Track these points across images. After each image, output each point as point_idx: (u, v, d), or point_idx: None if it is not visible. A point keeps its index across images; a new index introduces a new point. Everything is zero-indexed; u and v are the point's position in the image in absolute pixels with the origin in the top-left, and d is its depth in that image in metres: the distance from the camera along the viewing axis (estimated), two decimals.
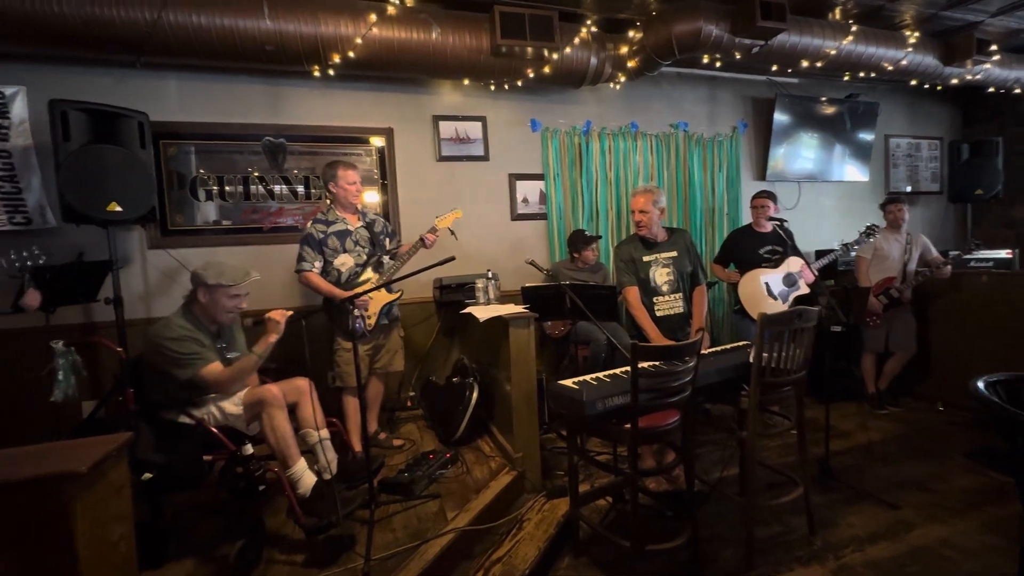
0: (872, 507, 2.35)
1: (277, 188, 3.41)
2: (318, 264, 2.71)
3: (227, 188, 3.31)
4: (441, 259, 2.17)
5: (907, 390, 3.70)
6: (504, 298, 3.07)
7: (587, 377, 2.09)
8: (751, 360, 2.10)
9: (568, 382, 2.02)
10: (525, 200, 3.88)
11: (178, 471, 1.88)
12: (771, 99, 4.38)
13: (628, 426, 1.88)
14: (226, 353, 2.24)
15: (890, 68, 3.80)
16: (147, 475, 1.76)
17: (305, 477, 2.04)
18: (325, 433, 2.22)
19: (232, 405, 2.12)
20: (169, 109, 3.14)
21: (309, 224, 2.79)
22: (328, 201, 2.87)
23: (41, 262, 2.21)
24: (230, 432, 2.08)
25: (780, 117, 4.38)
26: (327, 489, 2.01)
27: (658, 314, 2.66)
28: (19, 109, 2.77)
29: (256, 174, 3.35)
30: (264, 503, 2.12)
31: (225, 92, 3.25)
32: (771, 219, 3.29)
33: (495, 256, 3.74)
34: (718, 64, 3.74)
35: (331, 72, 3.11)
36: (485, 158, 3.78)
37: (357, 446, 2.66)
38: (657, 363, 1.90)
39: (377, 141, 3.58)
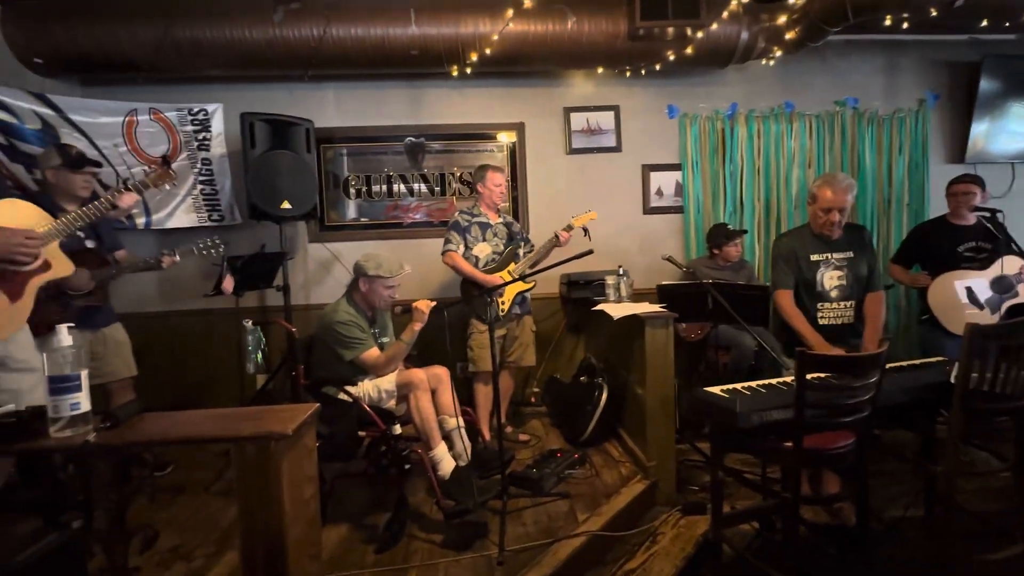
0: None
1: (416, 186, 3.68)
2: (461, 248, 2.90)
3: (373, 187, 3.66)
4: (579, 252, 2.15)
5: None
6: (636, 296, 2.97)
7: (738, 386, 1.93)
8: (952, 380, 1.79)
9: (716, 389, 1.88)
10: (659, 192, 3.76)
11: (338, 443, 2.11)
12: (974, 63, 3.65)
13: (789, 445, 1.69)
14: (380, 338, 2.48)
15: None
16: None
17: (445, 460, 2.17)
18: (460, 421, 2.35)
19: (387, 382, 2.34)
20: (327, 116, 3.55)
21: (456, 213, 3.01)
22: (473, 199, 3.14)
23: (221, 247, 2.61)
24: (381, 412, 2.28)
25: (987, 84, 3.63)
26: (465, 474, 2.12)
27: (820, 322, 2.40)
28: (217, 123, 3.33)
29: (398, 173, 3.65)
30: (407, 481, 2.29)
31: (373, 97, 3.59)
32: (976, 210, 2.75)
33: (626, 252, 3.67)
34: (904, 25, 3.19)
35: (468, 71, 3.27)
36: (617, 149, 3.72)
37: (488, 435, 2.76)
38: (827, 375, 1.69)
39: (507, 137, 3.70)
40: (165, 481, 2.64)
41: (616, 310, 2.65)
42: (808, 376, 1.67)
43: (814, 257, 2.42)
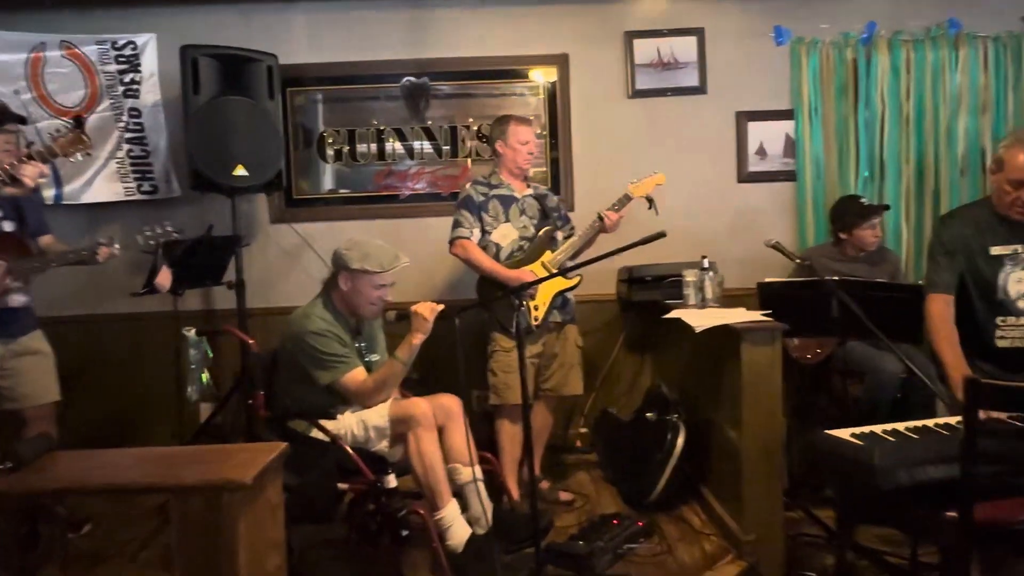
0: None
1: (417, 145, 3.74)
2: (476, 233, 2.95)
3: (358, 147, 3.73)
4: (647, 235, 2.12)
5: None
6: (726, 299, 2.95)
7: (876, 428, 1.89)
8: None
9: (844, 434, 1.85)
10: (761, 151, 3.73)
11: (309, 498, 2.14)
12: None
13: (953, 515, 1.65)
14: (367, 355, 2.51)
15: None
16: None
17: (457, 526, 2.20)
18: (478, 471, 2.38)
19: (376, 415, 2.36)
20: (297, 49, 3.62)
21: (467, 185, 3.05)
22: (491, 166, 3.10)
23: (173, 236, 2.70)
24: (368, 457, 2.28)
25: None
26: (484, 546, 2.15)
27: (1000, 344, 2.37)
28: (149, 60, 3.43)
29: (392, 127, 3.71)
30: (404, 554, 2.31)
31: (359, 22, 3.65)
32: None
33: (712, 236, 3.64)
34: None
35: None
36: (700, 90, 3.71)
37: (515, 492, 2.78)
38: (1011, 416, 1.64)
39: (545, 74, 3.72)
40: (81, 544, 2.66)
41: (698, 318, 2.64)
42: (982, 417, 1.61)
43: (995, 250, 2.36)
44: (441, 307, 2.33)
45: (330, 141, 3.72)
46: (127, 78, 3.42)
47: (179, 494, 1.18)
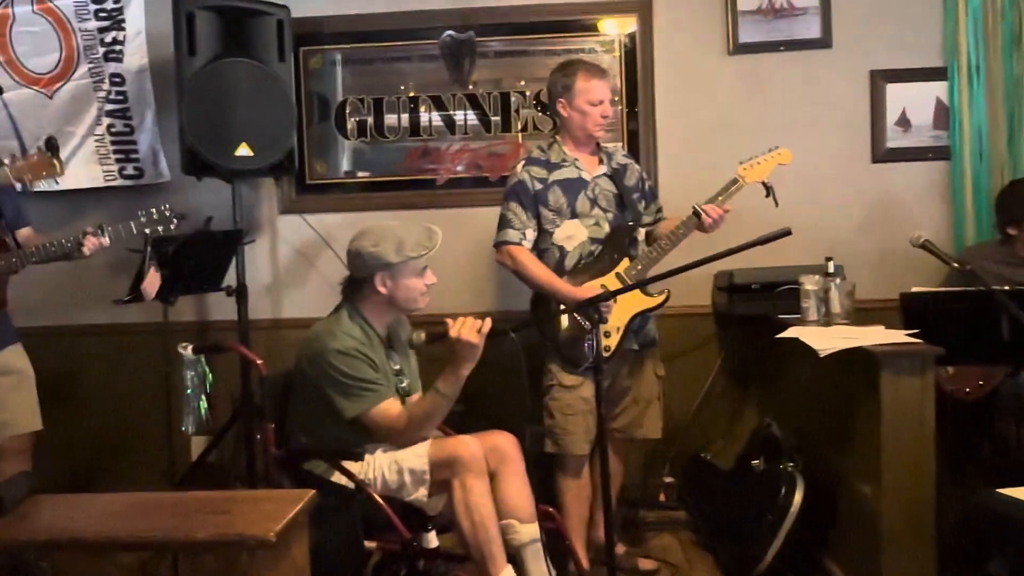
0: None
1: (459, 116, 3.77)
2: (530, 234, 2.89)
3: (386, 119, 3.78)
4: (768, 233, 2.11)
5: None
6: (858, 314, 2.92)
7: None
8: None
9: (1019, 493, 1.83)
10: (903, 121, 3.68)
11: (329, 559, 2.11)
12: None
13: None
14: (400, 380, 2.54)
15: None
16: None
17: None
18: (536, 530, 2.37)
19: (414, 457, 2.36)
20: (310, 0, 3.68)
21: (519, 167, 2.97)
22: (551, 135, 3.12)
23: (174, 223, 2.82)
24: (403, 509, 2.27)
25: None
26: None
27: None
28: (136, 16, 3.54)
29: (428, 95, 3.74)
30: None
31: None
32: None
33: (839, 231, 3.60)
34: None
35: None
36: (824, 43, 3.66)
37: (584, 559, 2.76)
38: None
39: (620, 26, 3.71)
40: None
41: (821, 339, 2.61)
42: None
43: None
44: (488, 324, 2.30)
45: (351, 112, 3.78)
46: (108, 37, 3.55)
47: (189, 551, 1.22)
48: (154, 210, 2.81)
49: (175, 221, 2.86)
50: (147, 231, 2.82)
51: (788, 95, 3.68)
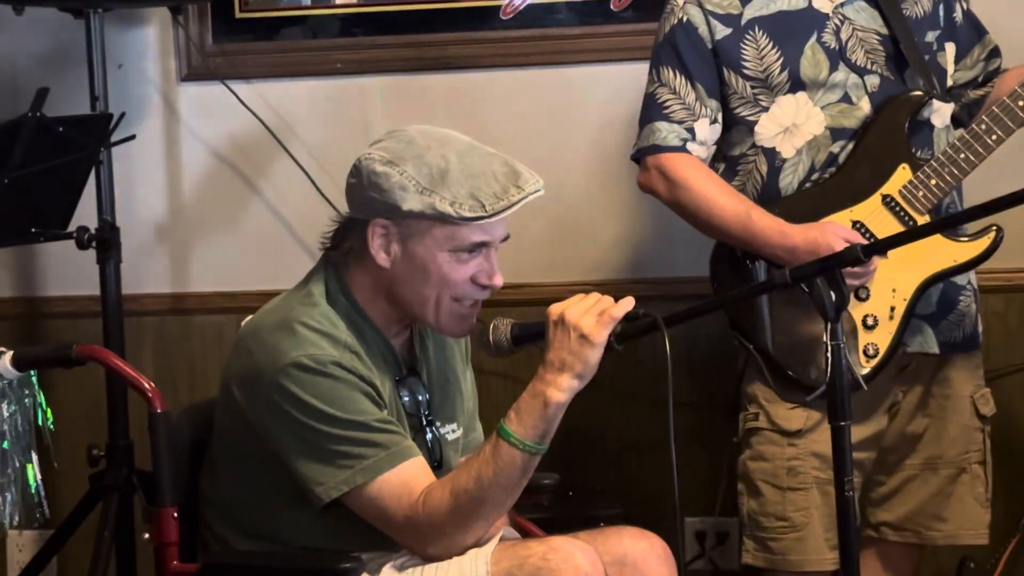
0: None
1: None
2: (706, 128, 2.14)
3: None
4: None
5: None
6: None
7: None
8: None
9: None
10: None
11: None
12: None
13: None
14: (433, 423, 1.93)
15: None
16: None
17: None
18: None
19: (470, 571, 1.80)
20: None
21: None
22: None
23: None
24: None
25: None
26: None
27: None
28: None
29: None
30: None
31: None
32: None
33: None
34: None
35: None
36: None
37: None
38: None
39: None
40: None
41: None
42: None
43: None
44: (626, 305, 1.63)
45: None
46: None
47: None
48: None
49: None
50: None
51: None
